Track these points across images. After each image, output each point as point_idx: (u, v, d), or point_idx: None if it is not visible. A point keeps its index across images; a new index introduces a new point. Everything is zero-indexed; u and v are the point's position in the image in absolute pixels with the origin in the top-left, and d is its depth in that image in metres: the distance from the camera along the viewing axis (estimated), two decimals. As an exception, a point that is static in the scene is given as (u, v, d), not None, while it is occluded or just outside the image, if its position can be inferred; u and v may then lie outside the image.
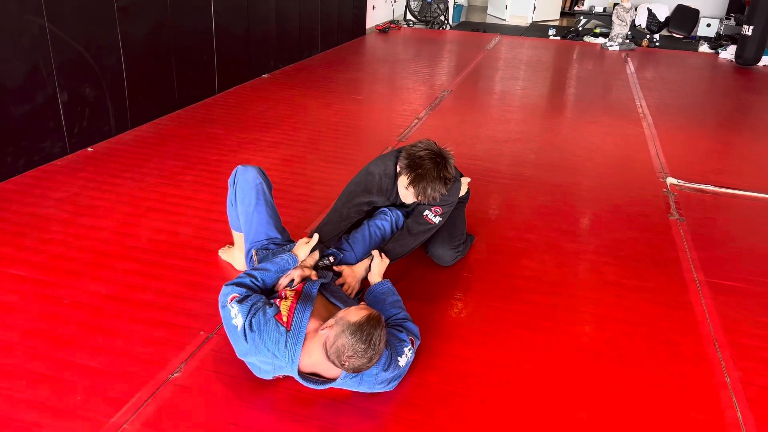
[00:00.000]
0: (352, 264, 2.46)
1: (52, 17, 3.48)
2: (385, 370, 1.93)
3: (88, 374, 2.00)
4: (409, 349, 2.03)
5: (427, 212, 2.52)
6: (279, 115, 4.85)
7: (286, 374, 1.95)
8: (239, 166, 2.46)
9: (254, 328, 1.89)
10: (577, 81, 7.04)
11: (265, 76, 5.99)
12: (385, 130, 4.64)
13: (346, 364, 1.79)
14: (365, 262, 2.45)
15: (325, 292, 2.15)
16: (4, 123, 3.33)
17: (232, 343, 1.99)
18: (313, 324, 1.92)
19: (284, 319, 1.91)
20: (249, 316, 1.91)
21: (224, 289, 2.03)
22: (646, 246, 3.06)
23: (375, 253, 2.43)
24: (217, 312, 2.33)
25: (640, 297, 2.63)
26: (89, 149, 3.88)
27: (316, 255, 2.34)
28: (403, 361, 1.99)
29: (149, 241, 2.83)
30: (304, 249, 2.29)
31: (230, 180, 2.49)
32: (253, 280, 2.09)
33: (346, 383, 1.91)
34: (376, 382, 1.93)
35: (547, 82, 6.76)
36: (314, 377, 1.92)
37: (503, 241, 3.05)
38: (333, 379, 1.90)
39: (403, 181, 2.36)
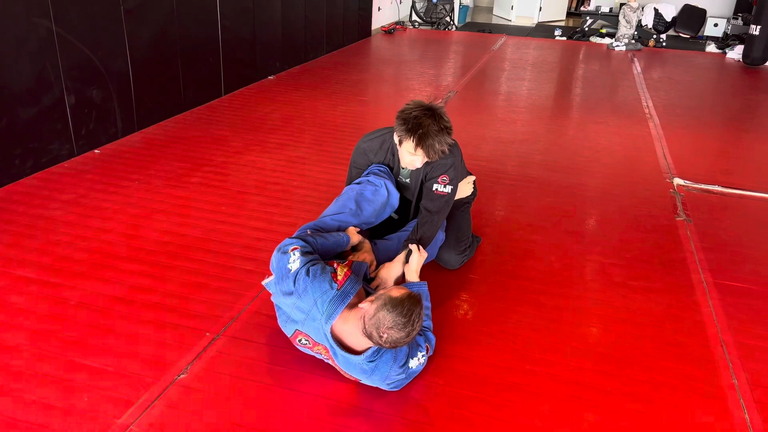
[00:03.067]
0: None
1: (59, 20, 3.50)
2: (401, 366, 1.95)
3: (95, 375, 2.01)
4: (423, 356, 2.05)
5: (435, 186, 2.47)
6: (285, 116, 4.86)
7: (308, 333, 1.99)
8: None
9: (310, 274, 1.97)
10: (584, 81, 7.02)
11: (270, 77, 6.01)
12: (391, 132, 4.63)
13: (385, 336, 1.81)
14: (399, 260, 2.40)
15: (365, 284, 2.21)
16: (12, 125, 3.35)
17: (275, 282, 2.07)
18: (354, 299, 1.98)
19: (339, 278, 1.98)
20: (308, 264, 2.00)
21: (287, 240, 2.14)
22: (653, 247, 3.05)
23: (413, 247, 2.37)
24: (224, 313, 2.35)
25: (646, 298, 2.62)
26: (96, 151, 3.90)
27: (368, 244, 2.44)
28: (414, 363, 2.00)
29: (156, 243, 2.84)
30: (357, 236, 2.38)
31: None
32: (314, 241, 2.17)
33: (362, 367, 1.92)
34: (388, 376, 1.94)
35: (553, 83, 6.74)
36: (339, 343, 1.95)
37: (509, 242, 3.04)
38: (355, 352, 1.92)
39: (408, 147, 2.30)
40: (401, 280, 2.38)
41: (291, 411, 1.92)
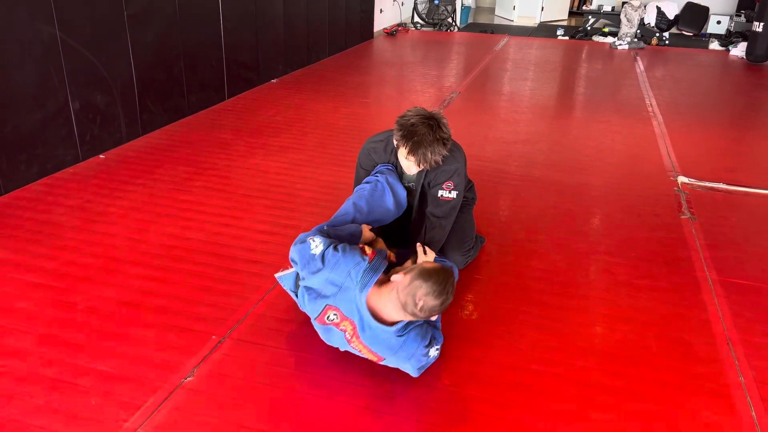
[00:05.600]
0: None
1: (63, 26, 3.52)
2: (426, 346, 1.99)
3: (102, 379, 2.02)
4: (436, 349, 2.09)
5: (440, 192, 2.48)
6: (288, 119, 4.87)
7: (339, 307, 2.00)
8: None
9: (339, 250, 2.05)
10: (586, 81, 7.01)
11: (273, 81, 6.02)
12: (394, 133, 4.63)
13: (420, 303, 1.86)
14: (409, 263, 2.41)
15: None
16: (18, 131, 3.37)
17: (301, 267, 2.11)
18: (381, 277, 2.03)
19: (368, 253, 2.08)
20: (334, 244, 2.08)
21: (302, 234, 2.20)
22: (658, 245, 3.04)
23: (419, 248, 2.37)
24: (229, 316, 2.36)
25: (651, 297, 2.61)
26: (101, 156, 3.92)
27: (381, 241, 2.46)
28: (432, 353, 2.05)
29: (161, 247, 2.85)
30: (369, 233, 2.40)
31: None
32: (331, 232, 2.23)
33: (389, 342, 1.96)
34: (413, 355, 1.98)
35: (555, 83, 6.73)
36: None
37: (513, 242, 3.04)
38: (387, 323, 1.95)
39: (402, 153, 2.33)
40: None
41: (297, 413, 1.93)
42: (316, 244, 2.09)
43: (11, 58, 3.27)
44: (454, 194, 2.48)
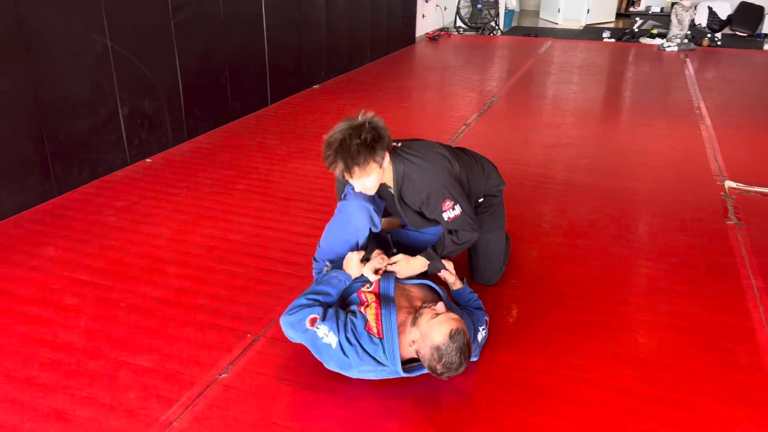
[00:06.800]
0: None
1: (114, 36, 3.68)
2: (473, 337, 2.09)
3: (141, 373, 2.10)
4: (484, 329, 2.20)
5: (445, 215, 2.27)
6: (329, 124, 4.87)
7: (381, 377, 2.02)
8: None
9: (352, 341, 1.96)
10: (633, 84, 6.86)
11: (315, 86, 6.11)
12: (432, 137, 4.62)
13: (445, 373, 1.91)
14: (421, 260, 2.33)
15: (398, 280, 2.23)
16: (71, 137, 3.53)
17: (325, 361, 2.00)
18: (400, 317, 2.03)
19: (374, 330, 1.98)
20: (342, 332, 1.96)
21: (295, 316, 2.01)
22: (701, 251, 2.96)
23: (446, 274, 2.40)
24: (264, 315, 2.41)
25: (693, 303, 2.54)
26: (148, 160, 4.06)
27: (375, 262, 2.23)
28: (480, 336, 2.16)
29: (201, 248, 2.93)
30: (354, 265, 2.22)
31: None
32: (318, 298, 2.10)
33: None
34: None
35: (600, 86, 6.61)
36: (414, 362, 2.01)
37: (552, 246, 3.01)
38: None
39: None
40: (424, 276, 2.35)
41: (327, 411, 1.96)
42: (324, 333, 1.95)
43: (67, 67, 3.43)
44: (458, 209, 2.26)
